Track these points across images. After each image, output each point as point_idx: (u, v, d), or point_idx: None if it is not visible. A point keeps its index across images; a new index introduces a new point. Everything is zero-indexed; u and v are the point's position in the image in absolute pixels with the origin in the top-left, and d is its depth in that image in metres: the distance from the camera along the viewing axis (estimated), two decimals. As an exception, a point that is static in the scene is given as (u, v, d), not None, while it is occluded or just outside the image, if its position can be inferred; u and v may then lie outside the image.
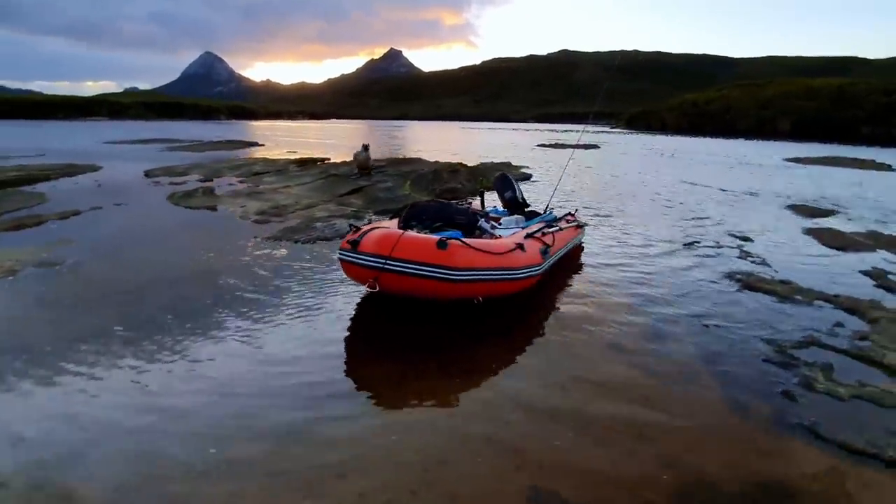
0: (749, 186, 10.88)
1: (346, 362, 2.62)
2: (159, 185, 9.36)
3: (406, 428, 2.07)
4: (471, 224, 3.69)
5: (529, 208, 5.11)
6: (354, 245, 2.97)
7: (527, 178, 11.12)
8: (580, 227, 4.92)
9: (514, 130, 56.97)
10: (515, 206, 5.02)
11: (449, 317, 3.12)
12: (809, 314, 3.37)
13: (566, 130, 56.93)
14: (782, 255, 5.02)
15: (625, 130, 64.13)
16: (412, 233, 2.99)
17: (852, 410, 2.26)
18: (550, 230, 3.97)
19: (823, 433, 2.06)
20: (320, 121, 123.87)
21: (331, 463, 1.84)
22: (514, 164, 13.86)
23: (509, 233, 3.91)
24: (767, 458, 1.94)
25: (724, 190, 10.15)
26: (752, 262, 4.70)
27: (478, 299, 3.04)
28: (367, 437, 2.01)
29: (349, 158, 11.26)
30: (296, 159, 13.80)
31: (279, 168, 11.70)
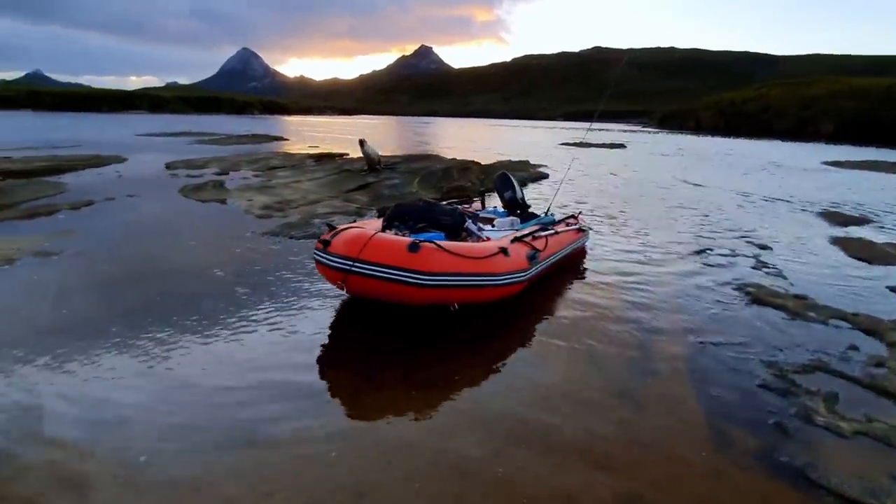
0: (779, 191, 10.30)
1: (304, 369, 2.50)
2: (176, 178, 9.50)
3: (350, 445, 1.93)
4: (456, 225, 3.52)
5: (530, 209, 4.90)
6: (326, 245, 2.85)
7: (543, 177, 10.84)
8: (582, 230, 4.67)
9: (541, 128, 56.13)
10: (515, 206, 4.81)
11: (425, 324, 2.97)
12: (821, 334, 3.07)
13: (593, 129, 55.83)
14: (802, 266, 4.65)
15: (656, 130, 62.39)
16: (385, 234, 2.85)
17: (854, 450, 2.00)
18: (544, 234, 3.76)
19: (815, 476, 1.82)
20: (349, 116, 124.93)
21: (260, 478, 1.72)
22: (532, 162, 13.54)
23: (501, 235, 3.73)
24: (744, 502, 1.71)
25: (750, 194, 9.63)
26: (767, 273, 4.37)
27: (454, 306, 2.88)
28: (307, 452, 1.88)
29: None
30: (313, 154, 13.87)
31: (295, 163, 11.75)
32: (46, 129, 26.97)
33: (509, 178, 4.88)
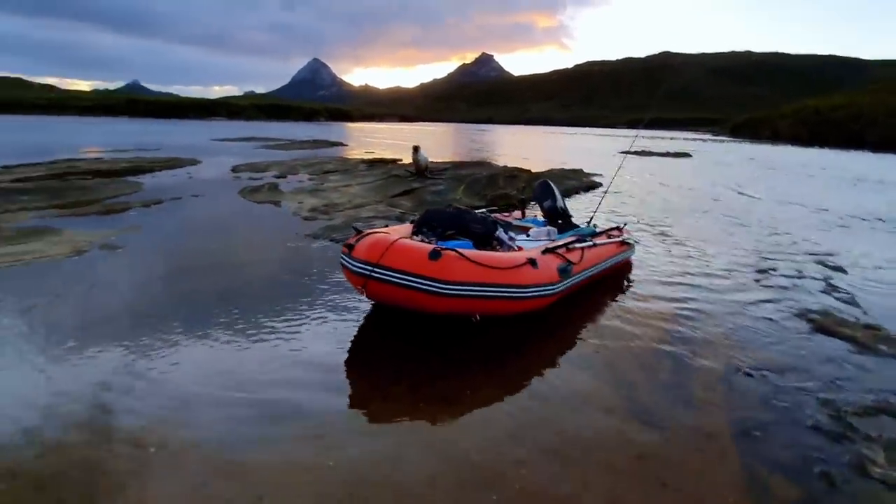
0: (862, 208, 9.30)
1: (315, 371, 2.52)
2: (239, 180, 10.08)
3: (345, 456, 1.91)
4: (487, 234, 3.44)
5: (572, 219, 4.72)
6: (350, 249, 2.88)
7: (595, 186, 10.47)
8: (626, 243, 4.42)
9: (602, 136, 54.49)
10: (555, 216, 4.66)
11: (445, 333, 2.91)
12: (891, 371, 2.69)
13: (656, 137, 53.39)
14: (879, 292, 4.14)
15: (728, 139, 58.72)
16: (407, 240, 2.83)
17: (917, 511, 1.71)
18: (580, 245, 3.59)
19: (863, 538, 1.57)
20: (409, 123, 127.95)
21: (252, 482, 1.73)
22: (586, 171, 13.13)
23: (535, 245, 3.60)
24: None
25: (827, 210, 8.76)
26: (837, 298, 3.92)
27: (475, 317, 2.80)
28: (304, 458, 1.87)
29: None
30: (366, 159, 14.26)
31: (348, 167, 12.12)
32: (138, 133, 29.68)
33: (550, 187, 4.73)
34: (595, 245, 3.80)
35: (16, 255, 4.43)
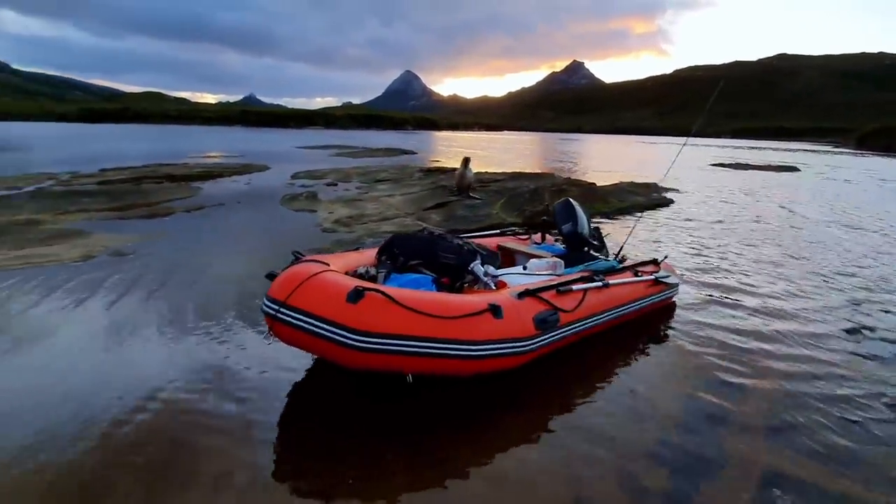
0: None
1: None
2: (292, 187, 10.24)
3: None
4: (460, 266, 2.81)
5: (595, 248, 3.90)
6: (271, 279, 2.41)
7: (664, 205, 9.19)
8: (662, 282, 3.50)
9: (699, 146, 49.89)
10: (577, 242, 3.87)
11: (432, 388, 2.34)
12: None
13: (765, 148, 47.83)
14: None
15: (852, 151, 51.05)
16: (331, 274, 2.29)
17: None
18: (581, 286, 2.82)
19: None
20: (493, 132, 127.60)
21: None
22: (661, 185, 11.72)
23: (530, 281, 2.90)
24: None
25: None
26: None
27: (409, 376, 2.20)
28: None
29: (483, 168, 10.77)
30: (425, 168, 13.97)
31: (402, 176, 11.90)
32: (238, 140, 32.43)
33: (572, 207, 3.95)
34: (608, 285, 2.98)
35: (29, 258, 4.57)
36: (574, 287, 2.76)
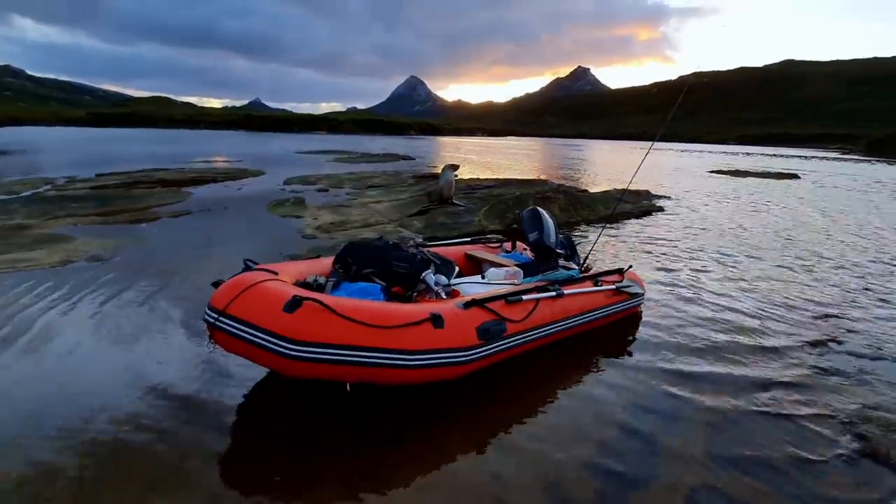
0: None
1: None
2: (283, 192, 10.29)
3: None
4: (412, 275, 2.83)
5: (575, 258, 3.92)
6: (216, 287, 2.44)
7: (652, 213, 9.16)
8: (625, 292, 3.50)
9: (702, 153, 49.74)
10: (543, 252, 3.88)
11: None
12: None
13: (770, 155, 47.60)
14: None
15: (861, 157, 50.71)
16: (272, 283, 2.32)
17: None
18: (532, 296, 2.82)
19: None
20: (496, 137, 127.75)
21: None
22: (654, 192, 11.71)
23: (486, 290, 2.92)
24: None
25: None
26: (918, 398, 2.71)
27: (347, 386, 2.22)
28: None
29: (477, 174, 10.81)
30: (420, 174, 14.02)
31: (393, 182, 11.95)
32: (237, 144, 32.63)
33: (538, 215, 3.95)
34: (562, 295, 2.99)
35: (10, 263, 4.62)
36: (525, 297, 2.77)
